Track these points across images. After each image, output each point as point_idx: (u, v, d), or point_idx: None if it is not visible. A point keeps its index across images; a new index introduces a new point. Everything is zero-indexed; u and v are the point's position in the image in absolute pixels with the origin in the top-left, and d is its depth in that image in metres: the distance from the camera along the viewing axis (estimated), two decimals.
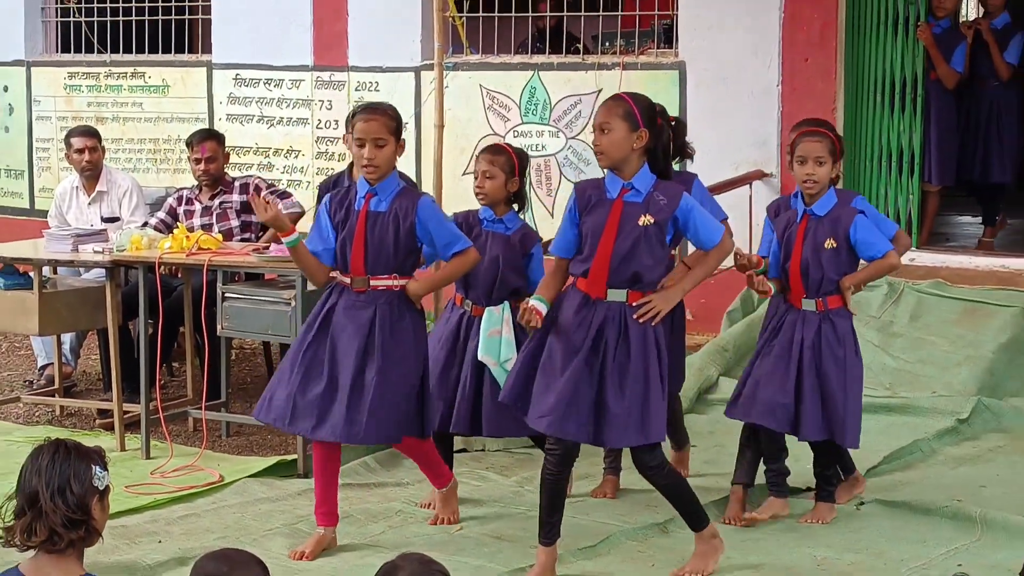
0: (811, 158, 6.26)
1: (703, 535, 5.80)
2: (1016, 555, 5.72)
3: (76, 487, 3.74)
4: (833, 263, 6.25)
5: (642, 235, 5.55)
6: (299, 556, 6.00)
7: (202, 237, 7.80)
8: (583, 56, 10.22)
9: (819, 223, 6.29)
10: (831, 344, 6.26)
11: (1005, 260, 9.28)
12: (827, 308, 6.28)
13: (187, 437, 7.95)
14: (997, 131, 9.98)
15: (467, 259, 6.10)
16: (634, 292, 5.56)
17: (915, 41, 9.52)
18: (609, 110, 5.60)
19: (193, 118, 11.17)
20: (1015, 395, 8.08)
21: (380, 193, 6.04)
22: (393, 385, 5.98)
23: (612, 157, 5.58)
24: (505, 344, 6.41)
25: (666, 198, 5.60)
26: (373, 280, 6.00)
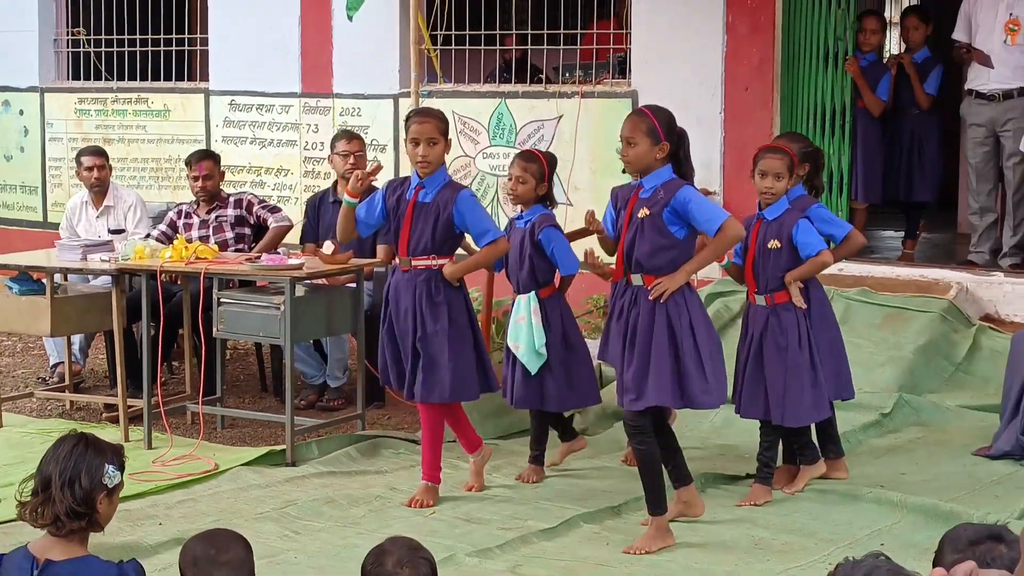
0: (771, 173, 6.34)
1: (657, 522, 5.81)
2: (932, 535, 5.72)
3: (85, 482, 3.72)
4: (777, 262, 6.34)
5: (639, 226, 5.76)
6: (418, 504, 6.36)
7: (200, 247, 7.78)
8: (545, 85, 10.22)
9: (768, 226, 6.38)
10: (775, 334, 6.34)
11: (924, 270, 9.31)
12: (774, 303, 6.36)
13: (185, 429, 7.92)
14: (919, 155, 10.02)
15: (497, 248, 6.40)
16: (648, 276, 5.77)
17: (844, 73, 9.55)
18: (635, 125, 5.77)
19: (192, 140, 11.13)
20: (932, 392, 8.10)
21: (428, 186, 6.31)
22: (440, 351, 6.26)
23: (637, 166, 5.83)
24: (536, 331, 6.60)
25: (665, 192, 5.74)
26: (415, 260, 6.28)
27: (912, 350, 8.28)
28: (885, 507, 6.24)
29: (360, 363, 7.73)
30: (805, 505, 6.40)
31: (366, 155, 8.77)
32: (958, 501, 6.25)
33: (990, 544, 3.14)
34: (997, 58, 9.26)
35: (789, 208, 6.44)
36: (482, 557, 5.67)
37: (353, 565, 5.34)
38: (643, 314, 5.75)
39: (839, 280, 8.93)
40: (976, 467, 6.91)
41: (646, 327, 5.73)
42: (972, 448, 7.17)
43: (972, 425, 7.59)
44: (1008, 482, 6.63)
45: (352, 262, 7.57)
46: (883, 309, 8.69)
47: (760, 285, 6.41)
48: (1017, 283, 8.84)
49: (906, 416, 7.74)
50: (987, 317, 8.79)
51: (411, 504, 6.39)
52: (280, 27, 10.87)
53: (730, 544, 5.88)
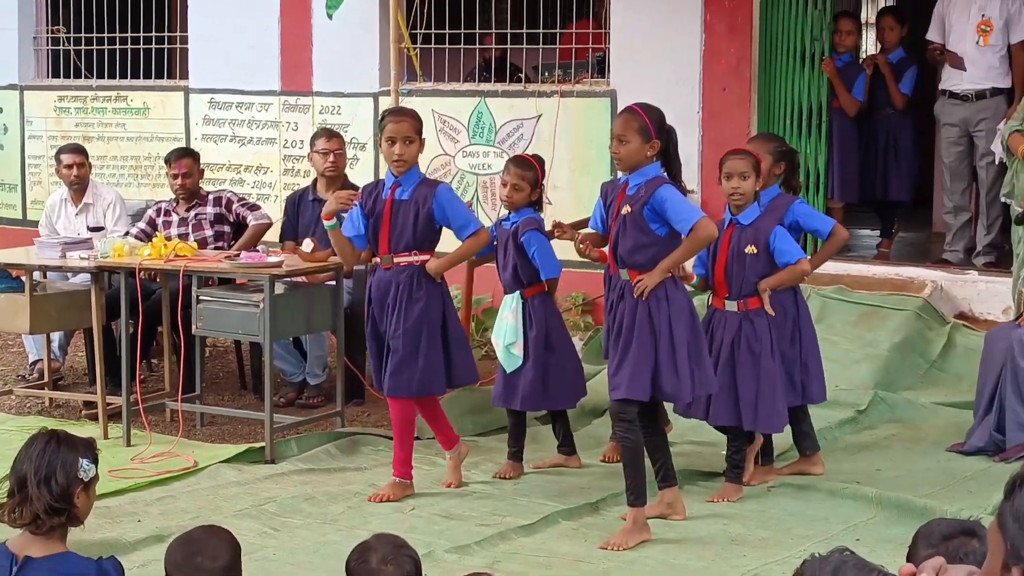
0: (736, 174, 6.31)
1: (636, 515, 5.83)
2: (907, 530, 5.72)
3: (61, 478, 3.71)
4: (753, 268, 6.30)
5: (622, 223, 5.83)
6: (381, 499, 6.37)
7: (179, 245, 7.77)
8: (525, 84, 10.23)
9: (743, 231, 6.33)
10: (749, 340, 6.31)
11: (899, 268, 9.35)
12: (747, 308, 6.33)
13: (164, 426, 7.91)
14: (895, 154, 10.07)
15: (479, 239, 6.46)
16: (632, 271, 5.82)
17: (820, 73, 9.59)
18: (626, 123, 5.83)
19: (171, 138, 11.11)
20: (907, 389, 8.14)
21: (404, 184, 6.35)
22: (411, 347, 6.28)
23: (628, 163, 5.86)
24: (508, 330, 6.65)
25: (646, 190, 5.79)
26: (396, 257, 6.33)
27: (887, 347, 8.31)
28: (860, 502, 6.26)
29: (339, 360, 7.72)
30: (781, 501, 6.42)
31: (346, 153, 8.77)
32: (932, 497, 6.28)
33: (963, 539, 3.15)
34: (970, 59, 9.31)
35: (764, 212, 6.43)
36: (461, 553, 5.67)
37: (332, 562, 5.36)
38: (627, 308, 5.82)
39: (816, 278, 8.93)
40: (950, 463, 6.95)
41: (629, 321, 5.80)
42: (946, 444, 7.21)
43: (946, 421, 7.63)
44: (981, 478, 6.66)
45: (331, 260, 7.56)
46: (859, 307, 8.72)
47: (733, 290, 6.34)
48: (991, 281, 8.88)
49: (881, 413, 7.78)
50: (961, 315, 8.83)
51: (374, 499, 6.38)
52: (260, 25, 10.86)
53: (707, 540, 5.90)
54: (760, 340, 6.31)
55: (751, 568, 5.55)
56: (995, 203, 9.17)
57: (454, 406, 7.52)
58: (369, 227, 6.41)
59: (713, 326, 6.40)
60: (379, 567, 3.66)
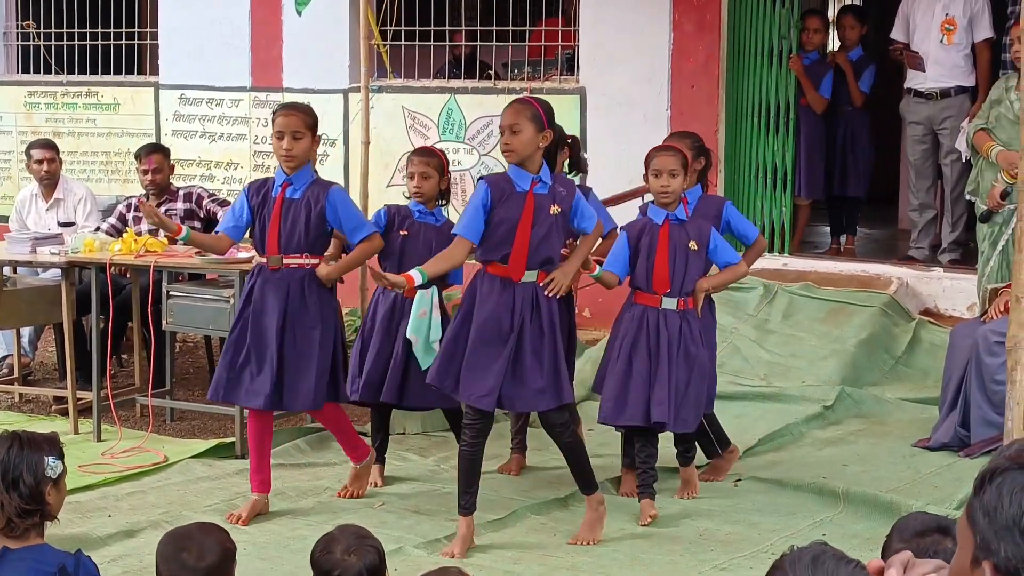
0: (665, 171, 6.11)
1: (591, 501, 5.83)
2: (873, 525, 5.81)
3: (29, 479, 3.68)
4: (695, 264, 6.17)
5: (554, 223, 5.65)
6: (236, 520, 6.00)
7: (149, 241, 7.74)
8: (494, 81, 10.23)
9: (681, 228, 6.18)
10: (687, 341, 6.11)
11: (865, 265, 9.39)
12: (687, 307, 6.16)
13: (135, 422, 7.87)
14: (852, 151, 10.12)
15: (372, 244, 6.24)
16: (541, 272, 5.65)
17: (788, 71, 9.62)
18: (518, 112, 5.61)
19: (141, 133, 11.06)
20: (874, 385, 8.17)
21: (295, 182, 6.12)
22: (305, 357, 6.06)
23: (521, 155, 5.59)
24: (434, 325, 6.37)
25: (565, 189, 5.71)
26: (286, 259, 6.10)
27: (854, 344, 8.34)
28: (827, 498, 6.28)
29: None
30: (748, 496, 6.43)
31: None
32: (898, 492, 6.30)
33: (937, 536, 3.16)
34: (934, 58, 9.35)
35: (697, 210, 6.35)
36: (430, 549, 5.66)
37: (302, 557, 5.32)
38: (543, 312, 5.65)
39: (782, 275, 9.01)
40: (915, 458, 6.97)
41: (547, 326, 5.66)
42: (912, 440, 7.24)
43: (912, 417, 7.66)
44: (947, 473, 6.69)
45: None
46: (826, 303, 8.75)
47: (674, 288, 6.14)
48: (956, 278, 8.92)
49: (848, 408, 7.80)
50: (927, 311, 8.88)
51: (342, 495, 6.34)
52: (230, 21, 10.82)
53: (675, 535, 5.91)
54: (697, 341, 6.14)
55: (719, 563, 5.56)
56: (960, 200, 9.22)
57: None
58: (256, 226, 6.15)
59: (647, 325, 6.12)
60: (343, 558, 3.66)
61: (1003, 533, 1.83)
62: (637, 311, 6.18)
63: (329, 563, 3.69)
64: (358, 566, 3.66)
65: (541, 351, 5.60)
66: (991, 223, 7.63)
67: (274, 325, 6.06)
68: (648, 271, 6.16)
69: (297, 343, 6.07)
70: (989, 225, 7.65)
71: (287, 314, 6.08)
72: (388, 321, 6.48)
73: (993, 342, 6.83)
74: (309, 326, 6.09)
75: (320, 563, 3.72)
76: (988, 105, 7.87)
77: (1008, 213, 7.46)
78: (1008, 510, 1.83)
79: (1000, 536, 1.83)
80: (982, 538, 1.85)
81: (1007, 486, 1.84)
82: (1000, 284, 7.29)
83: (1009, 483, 1.84)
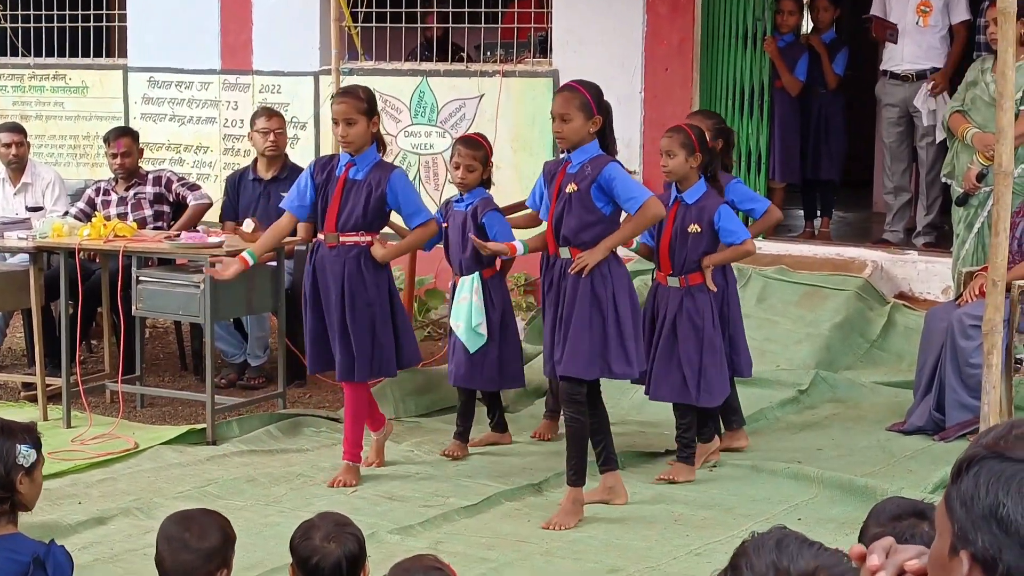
0: (663, 151, 6.32)
1: (573, 492, 5.84)
2: (848, 509, 5.83)
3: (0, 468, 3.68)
4: (696, 246, 6.34)
5: (567, 201, 5.80)
6: (341, 484, 6.32)
7: (118, 225, 7.70)
8: (467, 64, 10.21)
9: (687, 210, 6.34)
10: (690, 315, 6.32)
11: (840, 249, 9.42)
12: (688, 284, 6.35)
13: (105, 408, 7.85)
14: (825, 134, 10.13)
15: (427, 230, 6.40)
16: (574, 249, 5.81)
17: (762, 53, 9.63)
18: (568, 101, 5.80)
19: (110, 117, 11.01)
20: (848, 368, 8.20)
21: (359, 163, 6.28)
22: (363, 329, 6.25)
23: (572, 141, 5.83)
24: (474, 310, 6.63)
25: (592, 168, 5.79)
26: (343, 236, 6.25)
27: (828, 327, 8.37)
28: (802, 482, 6.30)
29: (280, 342, 7.69)
30: (723, 481, 6.44)
31: (286, 133, 8.72)
32: (873, 476, 6.32)
33: (913, 520, 3.17)
34: (910, 39, 9.36)
35: (708, 191, 6.42)
36: (404, 534, 5.66)
37: (275, 543, 5.34)
38: (569, 286, 5.81)
39: (757, 259, 8.97)
40: (890, 442, 7.00)
41: (571, 299, 5.80)
42: (886, 423, 7.26)
43: (887, 401, 7.69)
44: (921, 457, 6.72)
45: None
46: (800, 287, 8.77)
47: (675, 267, 6.37)
48: (930, 261, 8.96)
49: (822, 392, 7.83)
50: (901, 295, 8.91)
51: (333, 484, 6.37)
52: (199, 3, 10.77)
53: (649, 520, 5.92)
54: (701, 314, 6.34)
55: (693, 547, 5.58)
56: (935, 183, 9.24)
57: (396, 387, 7.52)
58: (318, 202, 6.34)
59: (657, 301, 6.44)
60: (322, 545, 3.67)
61: (980, 523, 1.83)
62: (653, 288, 6.50)
63: (308, 549, 3.69)
64: (337, 553, 3.66)
65: (560, 324, 5.81)
66: (967, 206, 7.66)
67: (335, 299, 6.27)
68: (657, 250, 6.42)
69: (357, 318, 6.26)
70: (965, 208, 7.68)
71: (345, 290, 6.26)
72: None
73: (968, 325, 6.86)
74: (368, 302, 6.27)
75: (299, 549, 3.72)
76: (964, 87, 7.89)
77: (984, 195, 7.50)
78: (985, 500, 1.83)
79: (977, 526, 1.83)
80: (960, 528, 1.86)
81: (984, 476, 1.85)
82: (975, 267, 7.32)
83: (986, 473, 1.85)
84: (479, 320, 6.64)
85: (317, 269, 6.35)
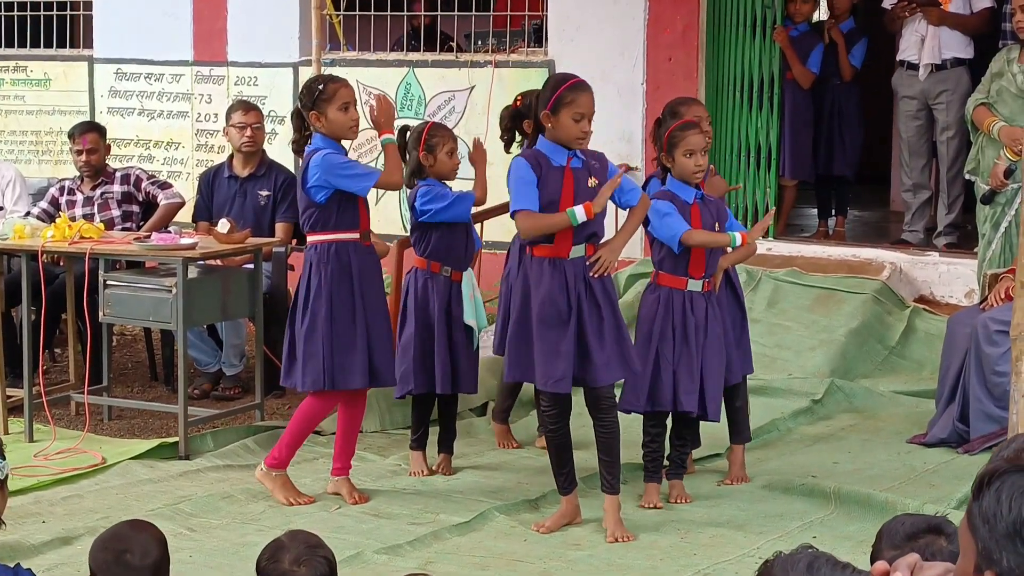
0: (698, 150, 6.21)
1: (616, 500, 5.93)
2: (866, 527, 5.81)
3: None
4: None
5: (593, 196, 5.82)
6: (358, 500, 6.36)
7: (84, 226, 7.68)
8: (456, 54, 10.21)
9: (707, 207, 6.31)
10: (714, 324, 6.28)
11: (856, 250, 9.41)
12: (712, 289, 6.32)
13: (69, 421, 7.83)
14: (840, 127, 10.14)
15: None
16: (589, 246, 5.85)
17: (772, 43, 9.62)
18: (594, 100, 5.89)
19: (75, 111, 11.01)
20: (865, 376, 8.20)
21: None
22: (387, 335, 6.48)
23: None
24: (478, 306, 6.73)
25: (598, 163, 5.94)
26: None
27: (844, 333, 8.36)
28: (817, 498, 6.29)
29: (258, 349, 7.67)
30: (732, 497, 6.44)
31: (264, 128, 8.72)
32: (893, 491, 6.31)
33: (930, 538, 3.16)
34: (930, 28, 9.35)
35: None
36: (392, 554, 5.65)
37: (252, 564, 5.31)
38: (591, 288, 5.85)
39: (767, 260, 9.01)
40: (911, 455, 7.00)
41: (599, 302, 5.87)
42: (907, 435, 7.26)
43: (907, 411, 7.69)
44: (944, 471, 6.71)
45: (249, 241, 7.52)
46: (813, 290, 8.77)
47: (708, 270, 6.28)
48: (952, 263, 8.95)
49: (838, 402, 7.82)
50: (922, 298, 8.90)
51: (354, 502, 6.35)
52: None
53: (654, 539, 5.90)
54: (722, 323, 6.35)
55: (701, 568, 5.56)
56: (957, 180, 9.25)
57: (382, 397, 7.50)
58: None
59: (674, 308, 6.25)
60: (291, 568, 3.62)
61: (1004, 542, 1.82)
62: (662, 293, 6.30)
63: (276, 573, 3.66)
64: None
65: (601, 325, 5.83)
66: (993, 204, 7.66)
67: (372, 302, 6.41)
68: (687, 252, 6.24)
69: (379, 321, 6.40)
70: (991, 206, 7.67)
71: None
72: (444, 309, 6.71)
73: (994, 331, 6.86)
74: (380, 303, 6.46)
75: (266, 572, 3.68)
76: (988, 78, 7.89)
77: (1012, 193, 7.50)
78: (1008, 516, 1.82)
79: (1001, 545, 1.82)
80: (983, 547, 1.85)
81: (1006, 491, 1.84)
82: (1000, 269, 7.32)
83: (1008, 487, 1.84)
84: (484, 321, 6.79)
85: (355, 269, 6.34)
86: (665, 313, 6.27)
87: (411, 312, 6.70)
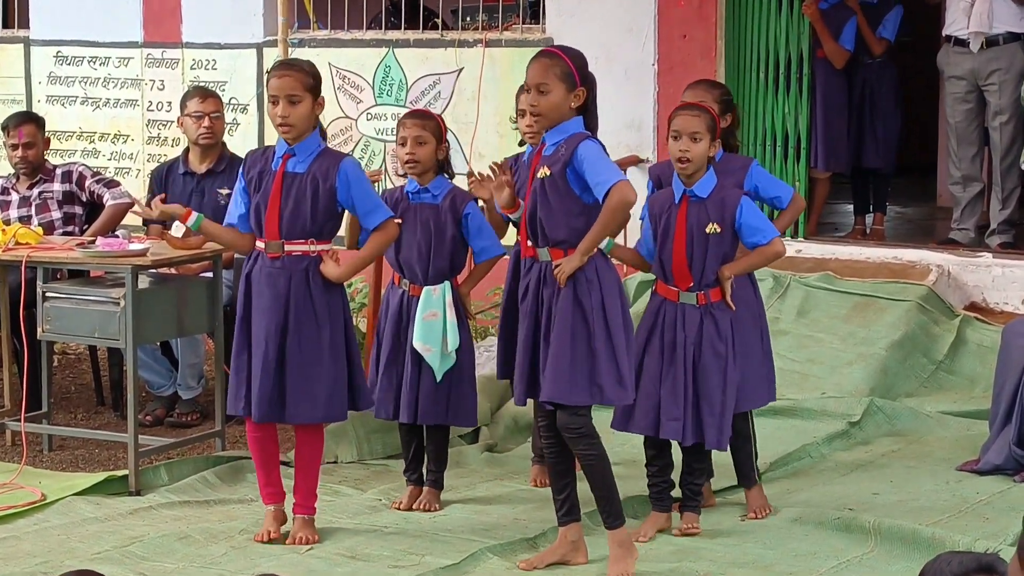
0: (685, 133, 6.16)
1: (616, 535, 5.84)
2: (911, 566, 5.81)
3: None
4: (716, 250, 6.19)
5: (539, 187, 5.75)
6: (266, 538, 6.27)
7: (20, 231, 7.70)
8: (442, 32, 10.23)
9: (701, 206, 6.24)
10: (713, 340, 6.21)
11: (898, 251, 9.42)
12: (709, 301, 6.22)
13: (4, 452, 7.85)
14: (871, 112, 10.14)
15: (387, 234, 6.29)
16: (554, 250, 5.77)
17: (801, 17, 9.63)
18: (546, 69, 5.72)
19: (9, 100, 11.04)
20: (910, 395, 8.21)
21: (299, 154, 6.21)
22: (312, 361, 6.19)
23: (551, 119, 5.76)
24: (450, 329, 6.56)
25: (567, 148, 5.73)
26: (288, 245, 6.19)
27: (885, 346, 8.37)
28: (855, 534, 6.29)
29: (218, 369, 7.67)
30: (759, 533, 6.43)
31: (224, 117, 8.72)
32: (941, 525, 6.32)
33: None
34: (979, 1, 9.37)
35: (720, 182, 6.33)
36: None
37: None
38: (552, 296, 5.76)
39: (796, 264, 9.02)
40: (961, 484, 7.00)
41: (558, 310, 5.74)
42: (957, 462, 7.27)
43: (956, 434, 7.70)
44: (999, 502, 6.72)
45: (207, 247, 7.51)
46: (850, 298, 8.78)
47: (695, 279, 6.22)
48: (1008, 265, 8.97)
49: (879, 425, 7.83)
50: (973, 306, 8.92)
51: (293, 542, 6.33)
52: None
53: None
54: (725, 340, 6.23)
55: None
56: (1012, 171, 9.27)
57: (360, 425, 7.51)
58: (252, 204, 6.24)
59: (663, 321, 6.26)
60: None
61: None
62: (655, 303, 6.33)
63: None
64: None
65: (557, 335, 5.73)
66: None
67: (274, 322, 6.19)
68: (666, 259, 6.25)
69: (303, 344, 6.19)
70: None
71: (289, 310, 6.19)
72: (397, 326, 6.70)
73: None
74: (318, 324, 6.20)
75: None
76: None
77: None
78: None
79: None
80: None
81: None
82: None
83: None
84: (456, 343, 6.57)
85: (253, 284, 6.26)
86: (653, 325, 6.27)
87: (383, 328, 6.73)
